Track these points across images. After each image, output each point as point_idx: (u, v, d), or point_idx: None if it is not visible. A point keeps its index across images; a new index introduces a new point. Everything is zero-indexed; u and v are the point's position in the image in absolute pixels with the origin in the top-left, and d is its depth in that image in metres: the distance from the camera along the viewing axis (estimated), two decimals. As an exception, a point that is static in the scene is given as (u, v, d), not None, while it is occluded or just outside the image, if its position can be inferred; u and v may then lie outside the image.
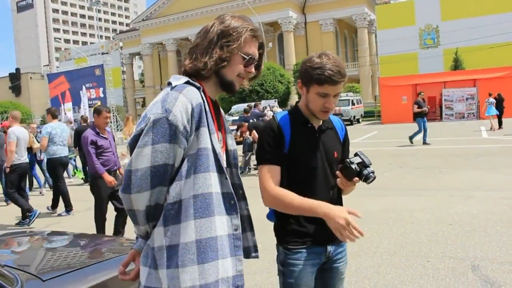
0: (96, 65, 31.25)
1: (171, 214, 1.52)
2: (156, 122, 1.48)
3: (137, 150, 1.48)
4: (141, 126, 1.51)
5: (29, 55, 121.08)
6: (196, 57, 1.64)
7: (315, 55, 2.02)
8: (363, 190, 8.03)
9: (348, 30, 57.30)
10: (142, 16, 63.56)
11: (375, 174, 1.98)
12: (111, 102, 29.80)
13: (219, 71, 1.65)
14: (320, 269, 2.10)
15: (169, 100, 1.51)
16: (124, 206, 1.55)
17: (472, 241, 5.04)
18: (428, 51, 39.83)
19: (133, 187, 1.48)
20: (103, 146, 5.90)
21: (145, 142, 1.47)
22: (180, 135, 1.49)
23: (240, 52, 1.66)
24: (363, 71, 50.72)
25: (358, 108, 35.35)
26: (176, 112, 1.49)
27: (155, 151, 1.47)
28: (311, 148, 2.06)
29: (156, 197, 1.51)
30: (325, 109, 2.01)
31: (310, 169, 2.03)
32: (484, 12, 36.28)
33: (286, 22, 50.98)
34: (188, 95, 1.54)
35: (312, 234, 2.03)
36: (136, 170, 1.47)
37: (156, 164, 1.47)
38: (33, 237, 3.21)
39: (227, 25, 1.65)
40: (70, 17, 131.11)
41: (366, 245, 5.15)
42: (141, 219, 1.54)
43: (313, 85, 1.98)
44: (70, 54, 66.23)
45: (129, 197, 1.50)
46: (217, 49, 1.62)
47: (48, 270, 2.41)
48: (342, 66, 1.98)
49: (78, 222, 7.41)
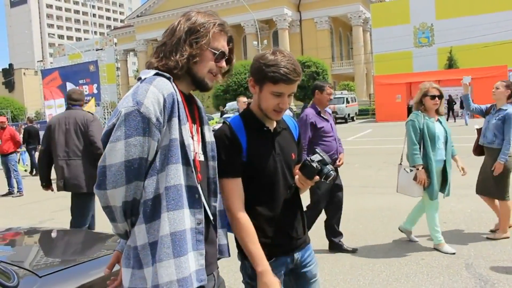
0: (90, 61, 31.06)
1: (151, 210, 1.50)
2: (128, 115, 1.45)
3: (110, 145, 1.45)
4: (112, 121, 1.48)
5: (23, 50, 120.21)
6: (165, 56, 1.62)
7: (268, 52, 1.90)
8: (358, 188, 8.09)
9: (343, 28, 57.34)
10: (136, 12, 63.29)
11: (335, 172, 1.94)
12: (105, 99, 29.70)
13: (191, 69, 1.63)
14: (293, 276, 2.07)
15: (139, 92, 1.49)
16: (100, 203, 1.51)
17: (466, 239, 5.07)
18: (422, 50, 39.95)
19: (108, 182, 1.45)
20: (323, 129, 4.83)
21: (117, 136, 1.44)
22: (154, 127, 1.47)
23: (209, 47, 1.64)
24: (358, 69, 50.84)
25: (352, 106, 35.45)
26: (148, 104, 1.46)
27: (128, 145, 1.44)
28: (269, 153, 1.95)
29: (132, 192, 1.49)
30: (278, 109, 1.89)
31: (270, 175, 1.94)
32: (478, 11, 36.44)
33: (281, 20, 50.94)
34: (158, 86, 1.51)
35: (280, 244, 1.97)
36: (110, 166, 1.44)
37: (130, 158, 1.44)
38: (29, 233, 3.20)
39: (193, 22, 1.63)
40: (64, 13, 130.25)
41: (361, 243, 5.17)
42: (119, 216, 1.51)
43: (267, 83, 1.86)
44: (64, 50, 65.74)
45: (104, 193, 1.47)
46: (186, 46, 1.60)
47: (44, 266, 2.40)
48: (297, 64, 1.87)
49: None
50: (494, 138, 5.05)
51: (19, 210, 8.71)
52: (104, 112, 29.77)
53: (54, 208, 8.39)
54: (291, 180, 2.03)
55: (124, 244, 1.59)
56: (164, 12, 57.45)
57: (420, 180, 4.66)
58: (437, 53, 37.98)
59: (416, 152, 4.69)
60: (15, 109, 54.01)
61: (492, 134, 5.06)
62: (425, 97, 4.74)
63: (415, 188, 4.75)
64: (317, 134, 4.79)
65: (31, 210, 8.52)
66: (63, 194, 8.32)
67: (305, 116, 4.83)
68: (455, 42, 35.40)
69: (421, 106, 4.80)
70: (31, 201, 9.50)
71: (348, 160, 10.51)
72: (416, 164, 4.69)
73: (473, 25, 35.79)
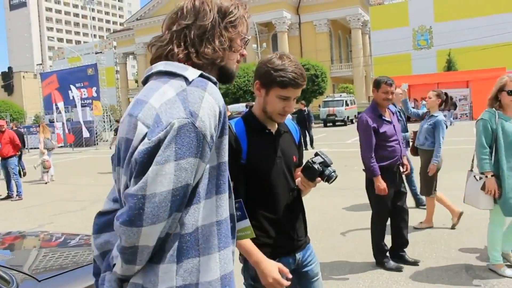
0: (89, 65, 31.17)
1: (188, 247, 1.19)
2: (181, 129, 1.13)
3: (155, 168, 1.11)
4: (157, 136, 1.13)
5: (22, 54, 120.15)
6: (196, 43, 1.30)
7: (275, 56, 1.93)
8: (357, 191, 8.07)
9: (342, 31, 57.44)
10: (136, 15, 63.43)
11: (336, 173, 1.95)
12: (104, 102, 29.72)
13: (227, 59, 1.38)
14: (296, 275, 2.09)
15: (192, 99, 1.16)
16: (123, 242, 1.15)
17: (466, 241, 5.07)
18: (421, 52, 40.05)
19: (146, 217, 1.10)
20: (386, 133, 4.27)
21: (166, 156, 1.11)
22: (207, 147, 1.17)
23: (241, 33, 1.39)
24: (357, 71, 50.91)
25: (351, 109, 35.43)
26: (203, 117, 1.15)
27: (179, 168, 1.12)
28: (270, 155, 1.99)
29: (168, 226, 1.16)
30: (284, 112, 1.94)
31: (271, 177, 1.97)
32: (477, 14, 36.55)
33: (280, 23, 51.03)
34: (214, 94, 1.22)
35: (282, 245, 2.02)
36: (153, 195, 1.10)
37: (178, 185, 1.13)
38: (29, 237, 3.20)
39: (220, 2, 1.35)
40: (63, 16, 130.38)
41: (361, 245, 5.16)
42: (144, 258, 1.17)
43: (275, 87, 1.89)
44: (64, 53, 65.83)
45: (138, 230, 1.12)
46: (223, 31, 1.32)
47: (43, 270, 2.40)
48: (303, 69, 1.92)
49: (72, 222, 7.38)
50: (425, 140, 5.58)
51: (19, 213, 8.70)
52: (104, 116, 29.77)
53: (54, 212, 8.40)
54: (292, 182, 2.07)
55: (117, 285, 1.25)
56: (163, 15, 56.51)
57: (489, 190, 3.97)
58: (436, 56, 38.09)
59: (486, 156, 4.02)
60: (14, 112, 54.00)
61: (424, 137, 5.60)
62: (502, 92, 4.01)
63: (481, 199, 4.09)
64: (379, 139, 4.25)
65: (31, 214, 8.51)
66: (61, 198, 8.31)
67: (365, 120, 4.26)
68: (454, 45, 35.52)
69: (496, 102, 4.08)
70: (30, 204, 9.49)
71: (347, 163, 10.55)
72: (484, 171, 4.02)
73: (471, 27, 35.90)
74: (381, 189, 4.22)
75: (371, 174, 4.27)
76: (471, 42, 35.59)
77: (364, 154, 4.31)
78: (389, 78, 4.31)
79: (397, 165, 4.38)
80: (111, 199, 1.38)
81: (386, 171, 4.28)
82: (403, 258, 4.53)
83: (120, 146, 1.25)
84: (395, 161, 4.33)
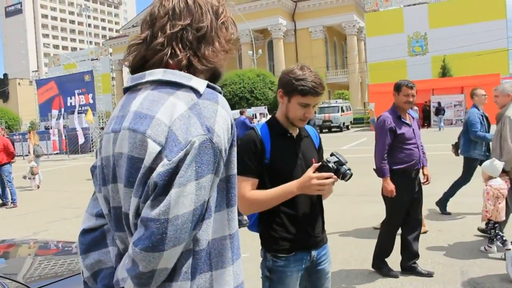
0: (85, 71, 31.17)
1: (201, 262, 1.15)
2: (201, 147, 1.08)
3: (178, 191, 1.05)
4: (178, 156, 1.06)
5: (18, 60, 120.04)
6: (195, 45, 1.21)
7: (296, 67, 2.16)
8: (353, 196, 8.05)
9: (338, 37, 57.71)
10: (132, 22, 63.57)
11: (351, 171, 2.07)
12: (100, 108, 29.70)
13: None
14: (308, 272, 2.23)
15: (207, 114, 1.11)
16: (142, 268, 1.08)
17: (461, 247, 5.08)
18: (416, 58, 40.23)
19: (169, 241, 1.05)
20: (404, 135, 4.23)
21: (188, 177, 1.06)
22: (221, 162, 1.14)
23: (231, 34, 1.31)
24: (353, 78, 51.09)
25: (347, 115, 35.56)
26: (219, 132, 1.11)
27: (199, 187, 1.08)
28: (291, 156, 2.19)
29: (186, 244, 1.12)
30: (304, 118, 2.15)
31: (292, 177, 2.12)
32: (471, 20, 36.79)
33: (276, 29, 51.21)
34: (226, 107, 1.17)
35: (299, 240, 2.15)
36: (176, 218, 1.05)
37: (198, 204, 1.08)
38: (22, 245, 3.18)
39: (212, 2, 1.26)
40: (59, 23, 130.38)
41: (356, 251, 5.16)
42: (161, 279, 1.11)
43: (296, 95, 2.11)
44: (59, 60, 65.73)
45: (160, 255, 1.06)
46: (219, 31, 1.25)
47: (37, 278, 2.39)
48: (321, 79, 2.15)
49: (67, 230, 7.34)
50: None
51: (13, 221, 8.66)
52: (100, 122, 29.73)
53: (49, 219, 8.35)
54: None
55: None
56: (159, 22, 57.61)
57: None
58: (431, 62, 38.27)
59: None
60: (9, 119, 53.76)
61: None
62: None
63: None
64: (397, 140, 4.20)
65: (25, 221, 8.47)
66: (57, 205, 8.26)
67: (383, 121, 4.23)
68: (449, 51, 35.71)
69: None
70: (25, 212, 9.44)
71: (343, 169, 10.46)
72: None
73: (466, 34, 36.13)
74: (388, 190, 4.16)
75: (380, 173, 4.23)
76: (465, 49, 35.79)
77: (376, 153, 4.26)
78: (409, 81, 4.26)
79: (416, 171, 4.30)
80: (93, 214, 1.31)
81: (402, 175, 4.21)
82: (415, 270, 4.35)
83: (116, 162, 1.18)
84: (412, 165, 4.23)
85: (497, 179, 4.56)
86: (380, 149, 4.21)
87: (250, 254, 3.73)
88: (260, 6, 51.17)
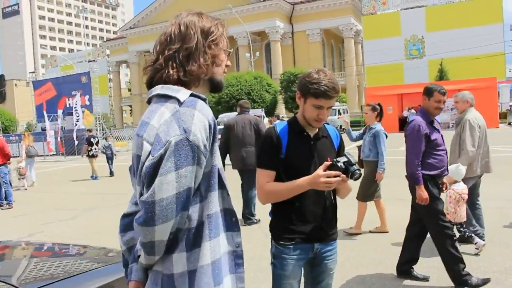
0: (82, 73, 31.12)
1: (194, 238, 1.46)
2: (177, 144, 1.38)
3: (159, 179, 1.37)
4: (159, 152, 1.39)
5: (15, 61, 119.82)
6: (184, 63, 1.52)
7: (313, 71, 2.27)
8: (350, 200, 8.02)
9: (335, 40, 57.83)
10: (129, 24, 63.45)
11: (360, 171, 2.15)
12: (97, 110, 29.64)
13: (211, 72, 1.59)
14: (310, 263, 2.37)
15: (185, 118, 1.41)
16: (142, 239, 1.43)
17: (462, 251, 5.06)
18: (413, 62, 40.40)
19: (157, 218, 1.36)
20: (436, 141, 4.09)
21: (168, 168, 1.37)
22: (202, 156, 1.43)
23: (223, 48, 1.62)
24: (350, 80, 51.19)
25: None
26: (196, 131, 1.40)
27: (179, 176, 1.38)
28: (305, 154, 2.31)
29: (177, 223, 1.43)
30: (318, 119, 2.26)
31: (305, 172, 2.22)
32: (468, 24, 37.00)
33: (273, 32, 51.30)
34: (203, 110, 1.45)
35: (301, 232, 2.28)
36: (161, 200, 1.36)
37: (180, 190, 1.38)
38: (17, 246, 3.16)
39: (204, 24, 1.57)
40: (56, 24, 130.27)
41: (351, 255, 5.15)
42: (161, 250, 1.44)
43: (310, 97, 2.23)
44: (56, 61, 65.70)
45: (152, 229, 1.38)
46: (207, 49, 1.54)
47: (30, 281, 2.37)
48: (337, 83, 2.24)
49: (63, 231, 7.32)
50: (369, 152, 6.00)
51: (9, 222, 8.62)
52: (96, 124, 29.68)
53: (44, 221, 8.32)
54: None
55: (141, 273, 1.54)
56: (156, 24, 57.60)
57: None
58: (428, 65, 38.44)
59: None
60: (6, 120, 53.64)
61: (368, 149, 6.02)
62: None
63: None
64: (429, 146, 4.05)
65: (21, 223, 8.43)
66: (52, 206, 8.22)
67: (418, 126, 4.03)
68: (446, 54, 35.86)
69: None
70: (21, 213, 9.40)
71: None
72: None
73: (462, 37, 36.32)
74: (423, 198, 4.01)
75: (415, 181, 4.05)
76: (462, 52, 35.97)
77: (411, 160, 4.05)
78: (442, 87, 4.17)
79: (442, 177, 4.20)
80: (133, 202, 1.66)
81: (433, 182, 4.10)
82: (411, 274, 4.33)
83: (133, 161, 1.53)
84: (442, 171, 4.14)
85: (460, 183, 4.83)
86: (415, 156, 4.02)
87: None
88: (257, 8, 51.27)
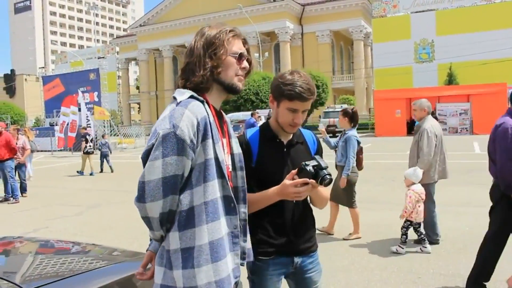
0: (91, 69, 31.18)
1: (185, 220, 1.67)
2: (165, 137, 1.61)
3: (149, 163, 1.62)
4: (152, 141, 1.64)
5: (25, 56, 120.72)
6: (190, 74, 1.76)
7: (287, 72, 2.13)
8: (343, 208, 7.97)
9: (344, 42, 57.68)
10: (139, 21, 63.70)
11: (331, 176, 1.96)
12: (105, 107, 29.68)
13: (218, 78, 1.77)
14: (295, 280, 2.23)
15: (176, 115, 1.64)
16: (140, 214, 1.68)
17: (463, 258, 5.02)
18: (423, 65, 40.16)
19: (147, 196, 1.62)
20: None
21: (156, 155, 1.61)
22: (188, 148, 1.63)
23: (228, 54, 1.78)
24: (358, 83, 51.04)
25: (352, 120, 35.41)
26: (183, 127, 1.62)
27: (165, 163, 1.61)
28: (277, 162, 2.16)
29: (169, 204, 1.65)
30: (293, 123, 2.11)
31: (277, 182, 2.04)
32: (478, 29, 36.71)
33: (283, 33, 51.26)
34: (193, 109, 1.66)
35: (279, 245, 2.14)
36: (149, 182, 1.61)
37: (167, 175, 1.61)
38: (18, 243, 3.15)
39: (207, 36, 1.78)
40: (67, 20, 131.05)
41: (356, 259, 5.12)
42: (156, 225, 1.68)
43: (284, 100, 2.08)
44: (66, 57, 66.10)
45: (144, 206, 1.64)
46: (207, 60, 1.75)
47: (33, 279, 2.36)
48: (312, 84, 2.07)
49: (67, 228, 7.33)
50: (342, 157, 6.01)
51: (14, 217, 8.65)
52: (104, 121, 29.76)
53: (49, 216, 8.36)
54: None
55: (158, 245, 1.77)
56: (167, 22, 57.81)
57: None
58: (437, 69, 38.19)
59: None
60: (15, 115, 54.01)
61: (340, 154, 6.05)
62: None
63: None
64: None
65: (26, 218, 8.47)
66: (58, 202, 8.26)
67: (509, 127, 3.61)
68: (455, 59, 35.62)
69: None
70: (26, 208, 9.44)
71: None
72: None
73: (473, 42, 36.04)
74: None
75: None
76: (472, 57, 35.69)
77: (506, 166, 3.60)
78: None
79: None
80: None
81: None
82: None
83: None
84: None
85: (417, 184, 5.30)
86: (511, 161, 3.58)
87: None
88: (267, 9, 51.28)
